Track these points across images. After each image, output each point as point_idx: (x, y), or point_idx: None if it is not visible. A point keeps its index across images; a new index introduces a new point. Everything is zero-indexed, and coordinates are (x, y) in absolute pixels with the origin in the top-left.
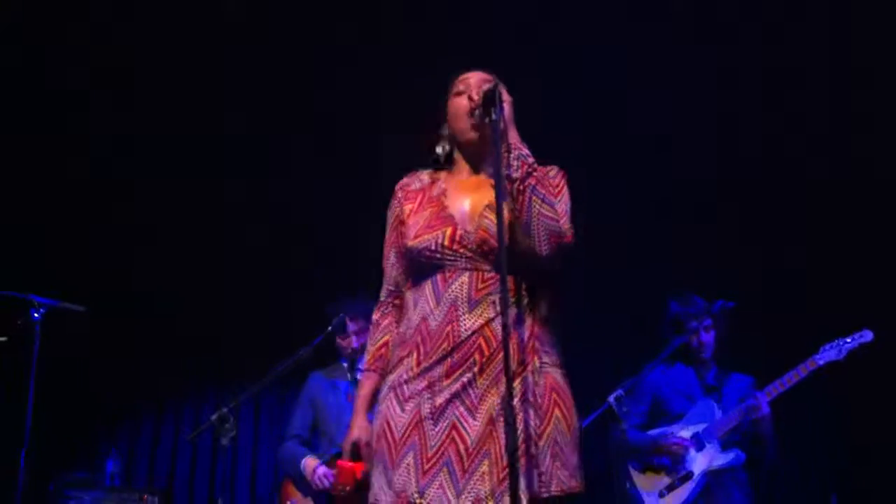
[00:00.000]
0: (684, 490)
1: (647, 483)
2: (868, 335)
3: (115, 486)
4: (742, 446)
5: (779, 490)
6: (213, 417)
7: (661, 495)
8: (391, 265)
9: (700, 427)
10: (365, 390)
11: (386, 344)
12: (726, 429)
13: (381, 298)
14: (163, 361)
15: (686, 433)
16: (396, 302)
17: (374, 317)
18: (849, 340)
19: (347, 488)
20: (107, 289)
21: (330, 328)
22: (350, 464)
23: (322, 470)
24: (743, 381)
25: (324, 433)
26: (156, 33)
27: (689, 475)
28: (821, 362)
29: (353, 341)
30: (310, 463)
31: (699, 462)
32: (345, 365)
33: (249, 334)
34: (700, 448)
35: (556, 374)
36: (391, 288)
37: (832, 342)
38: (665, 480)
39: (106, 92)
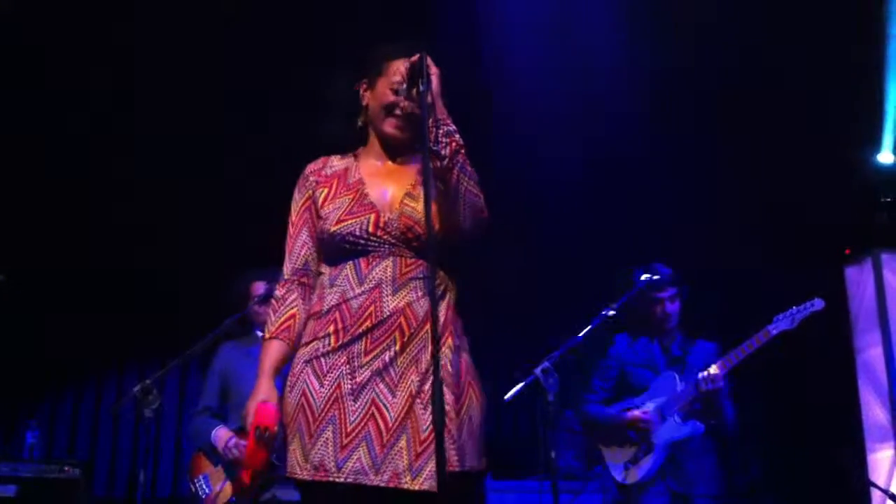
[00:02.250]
0: (647, 462)
1: (613, 455)
2: (819, 304)
3: (35, 458)
4: (701, 417)
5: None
6: (137, 389)
7: (626, 467)
8: (301, 244)
9: (662, 400)
10: (271, 357)
11: (293, 317)
12: (685, 401)
13: (286, 276)
14: (84, 332)
15: (649, 406)
16: (303, 281)
17: (279, 292)
18: (801, 309)
19: (269, 430)
20: (28, 259)
21: (258, 298)
22: (271, 405)
23: (233, 440)
24: (708, 348)
25: (235, 404)
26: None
27: (652, 447)
28: (774, 332)
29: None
30: (221, 434)
31: (661, 435)
32: (259, 334)
33: (177, 305)
34: (662, 421)
35: (466, 358)
36: (298, 266)
37: (784, 312)
38: (629, 453)
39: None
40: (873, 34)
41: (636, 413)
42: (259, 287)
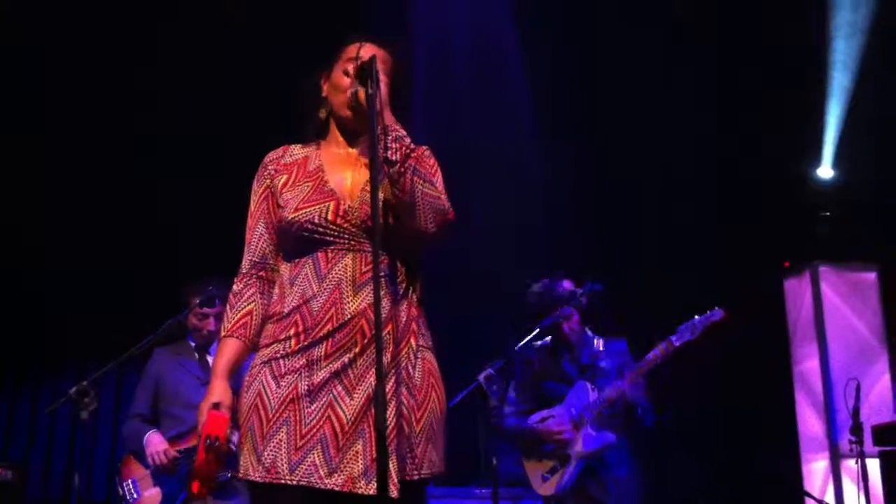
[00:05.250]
0: (565, 472)
1: (532, 467)
2: (718, 313)
3: None
4: (610, 426)
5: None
6: (73, 391)
7: (544, 479)
8: (258, 237)
9: (575, 410)
10: (226, 355)
11: (250, 313)
12: (596, 410)
13: (244, 270)
14: (19, 333)
15: (563, 417)
16: (261, 274)
17: (237, 287)
18: (702, 319)
19: (220, 440)
20: None
21: (199, 301)
22: (222, 413)
23: (164, 447)
24: (618, 347)
25: (168, 413)
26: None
27: (568, 458)
28: (677, 343)
29: (212, 323)
30: (153, 439)
31: (576, 446)
32: (192, 344)
33: (115, 307)
34: (577, 431)
35: (431, 358)
36: (256, 260)
37: (686, 322)
38: (547, 465)
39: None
40: (815, 51)
41: (551, 426)
42: (195, 300)
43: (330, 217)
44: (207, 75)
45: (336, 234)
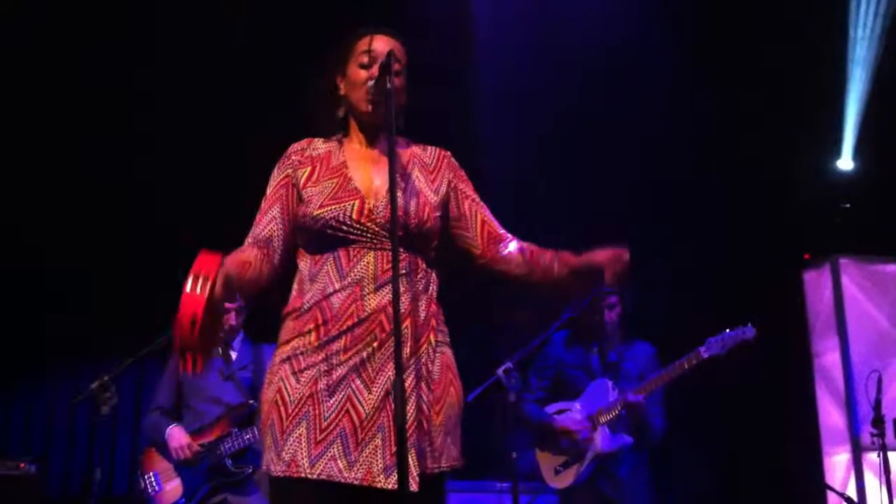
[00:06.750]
0: (578, 468)
1: (545, 458)
2: (750, 332)
3: None
4: (627, 429)
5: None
6: (94, 385)
7: (557, 472)
8: (270, 219)
9: (594, 408)
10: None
11: (248, 261)
12: (614, 412)
13: (246, 242)
14: (39, 329)
15: (580, 413)
16: (263, 249)
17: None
18: (733, 336)
19: (198, 321)
20: None
21: None
22: (195, 295)
23: (187, 442)
24: (646, 353)
25: (190, 407)
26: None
27: (583, 455)
28: (705, 355)
29: (232, 318)
30: (175, 433)
31: (592, 444)
32: None
33: (132, 299)
34: (593, 430)
35: (448, 353)
36: (260, 238)
37: (716, 336)
38: (560, 458)
39: None
40: (835, 42)
41: (567, 422)
42: (233, 303)
43: (354, 216)
44: (208, 75)
45: (359, 232)
